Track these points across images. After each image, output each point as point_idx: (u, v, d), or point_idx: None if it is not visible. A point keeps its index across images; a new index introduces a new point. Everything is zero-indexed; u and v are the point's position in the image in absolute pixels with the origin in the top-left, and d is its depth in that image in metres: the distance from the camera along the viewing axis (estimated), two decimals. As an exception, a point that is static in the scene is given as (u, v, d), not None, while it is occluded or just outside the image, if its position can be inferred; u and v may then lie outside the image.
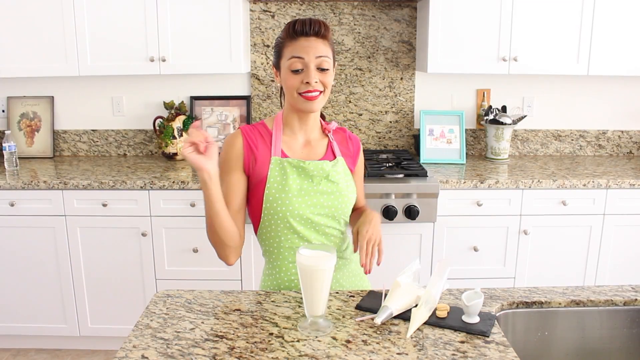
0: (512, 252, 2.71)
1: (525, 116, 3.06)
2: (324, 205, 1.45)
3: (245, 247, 2.67)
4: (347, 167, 1.54)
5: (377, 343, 1.15)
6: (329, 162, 1.48)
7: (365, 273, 1.45)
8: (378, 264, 1.45)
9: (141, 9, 2.76)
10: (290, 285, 1.48)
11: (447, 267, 1.27)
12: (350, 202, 1.51)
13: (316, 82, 1.38)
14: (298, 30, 1.38)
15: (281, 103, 1.55)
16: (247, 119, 3.16)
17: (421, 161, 3.01)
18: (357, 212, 1.62)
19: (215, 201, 1.33)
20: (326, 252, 1.19)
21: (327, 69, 1.40)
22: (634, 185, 2.64)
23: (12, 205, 2.65)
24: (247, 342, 1.15)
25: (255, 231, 1.51)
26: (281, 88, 1.51)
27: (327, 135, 1.55)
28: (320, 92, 1.40)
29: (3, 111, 3.22)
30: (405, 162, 2.83)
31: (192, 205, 2.64)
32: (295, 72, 1.38)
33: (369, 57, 3.15)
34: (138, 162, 3.08)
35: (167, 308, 1.31)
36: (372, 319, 1.24)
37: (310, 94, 1.39)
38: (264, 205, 1.44)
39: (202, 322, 1.24)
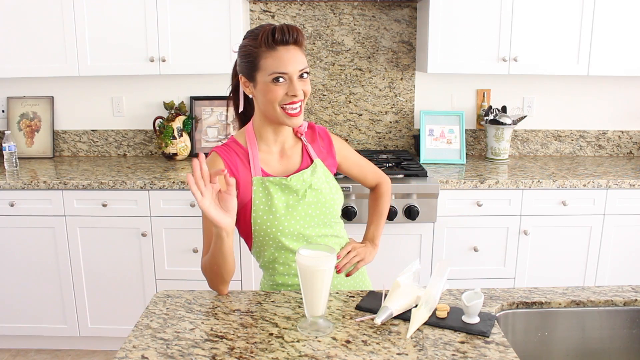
0: (512, 252, 2.71)
1: (525, 116, 3.06)
2: (313, 216, 1.44)
3: (245, 247, 2.67)
4: (325, 168, 1.51)
5: (377, 343, 1.15)
6: (308, 172, 1.45)
7: (337, 271, 1.51)
8: (347, 275, 1.56)
9: (141, 9, 2.76)
10: (286, 289, 1.48)
11: (447, 267, 1.27)
12: (337, 203, 1.49)
13: (300, 92, 1.34)
14: (278, 39, 1.30)
15: (239, 120, 1.50)
16: (247, 119, 3.16)
17: (421, 161, 3.01)
18: (374, 196, 1.69)
19: (228, 253, 1.29)
20: (326, 252, 1.19)
21: (307, 77, 1.36)
22: (634, 185, 2.64)
23: (12, 205, 2.65)
24: (247, 343, 1.15)
25: (250, 248, 1.50)
26: (241, 100, 1.46)
27: (301, 139, 1.50)
28: (301, 101, 1.35)
29: (3, 111, 3.22)
30: (405, 163, 2.83)
31: (192, 205, 2.63)
32: (277, 82, 1.32)
33: (369, 58, 3.15)
34: (138, 162, 3.08)
35: (167, 308, 1.31)
36: (372, 319, 1.24)
37: (294, 108, 1.34)
38: (253, 228, 1.42)
39: (202, 323, 1.24)
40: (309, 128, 1.53)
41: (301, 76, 1.34)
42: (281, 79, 1.31)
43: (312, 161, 1.49)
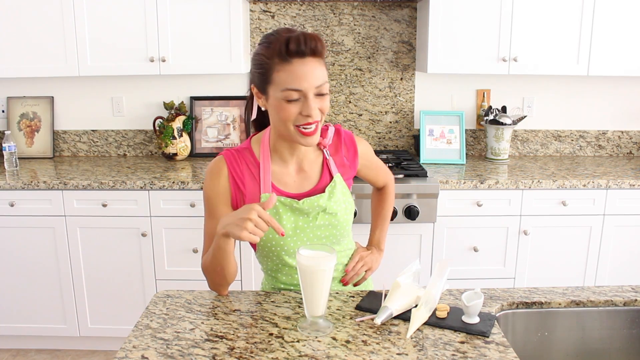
0: (512, 252, 2.71)
1: (525, 116, 3.06)
2: (321, 237, 1.37)
3: (245, 247, 2.67)
4: (344, 184, 1.41)
5: (377, 343, 1.15)
6: (325, 195, 1.36)
7: (343, 284, 1.49)
8: (355, 285, 1.52)
9: (141, 9, 2.76)
10: (288, 289, 1.48)
11: (447, 267, 1.27)
12: (349, 223, 1.42)
13: (315, 112, 1.22)
14: (292, 50, 1.17)
15: (247, 129, 1.42)
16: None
17: (421, 161, 3.01)
18: (380, 197, 1.65)
19: (230, 252, 1.27)
20: (326, 252, 1.19)
21: (326, 94, 1.23)
22: (634, 185, 2.64)
23: (12, 205, 2.65)
24: (247, 343, 1.15)
25: (255, 251, 1.47)
26: (255, 108, 1.36)
27: (323, 152, 1.40)
28: (317, 121, 1.23)
29: (3, 111, 3.22)
30: (405, 163, 2.83)
31: (192, 205, 2.63)
32: (290, 100, 1.20)
33: (369, 58, 3.15)
34: (138, 162, 3.08)
35: (167, 308, 1.31)
36: (372, 319, 1.24)
37: (309, 128, 1.22)
38: (257, 242, 1.32)
39: (202, 323, 1.24)
40: (335, 134, 1.42)
41: (319, 93, 1.21)
42: (295, 97, 1.20)
43: (331, 177, 1.39)
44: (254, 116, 1.38)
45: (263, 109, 1.30)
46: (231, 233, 1.17)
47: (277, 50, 1.19)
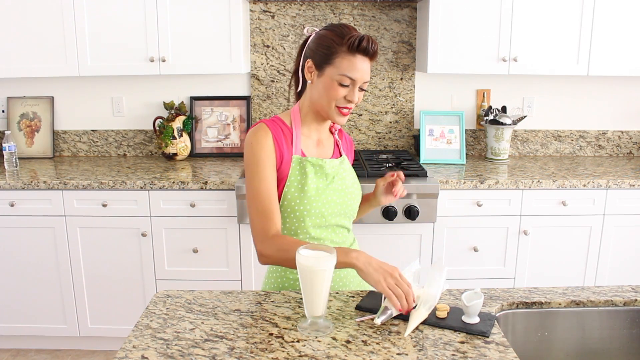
0: (512, 252, 2.71)
1: (525, 116, 3.06)
2: (337, 203, 1.50)
3: (245, 247, 2.67)
4: (350, 165, 1.61)
5: (377, 343, 1.15)
6: (337, 161, 1.54)
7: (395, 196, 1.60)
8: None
9: (141, 9, 2.76)
10: (296, 284, 1.49)
11: (444, 267, 1.27)
12: (357, 199, 1.57)
13: (356, 99, 1.44)
14: (362, 48, 1.38)
15: (296, 93, 1.56)
16: (247, 119, 3.16)
17: (421, 161, 3.01)
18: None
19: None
20: (326, 252, 1.19)
21: (366, 89, 1.46)
22: (634, 185, 2.64)
23: (12, 205, 2.65)
24: (247, 343, 1.15)
25: None
26: (301, 81, 1.51)
27: (333, 133, 1.61)
28: (352, 107, 1.46)
29: (3, 111, 3.22)
30: (405, 163, 2.83)
31: (192, 205, 2.63)
32: (342, 85, 1.41)
33: (369, 58, 3.14)
34: (138, 162, 3.08)
35: (167, 308, 1.31)
36: (372, 320, 1.24)
37: (346, 110, 1.44)
38: (281, 202, 1.47)
39: (202, 323, 1.24)
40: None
41: (362, 87, 1.44)
42: (347, 83, 1.40)
43: (341, 155, 1.60)
44: (300, 87, 1.54)
45: (309, 82, 1.47)
46: (371, 278, 1.25)
47: (350, 43, 1.38)
